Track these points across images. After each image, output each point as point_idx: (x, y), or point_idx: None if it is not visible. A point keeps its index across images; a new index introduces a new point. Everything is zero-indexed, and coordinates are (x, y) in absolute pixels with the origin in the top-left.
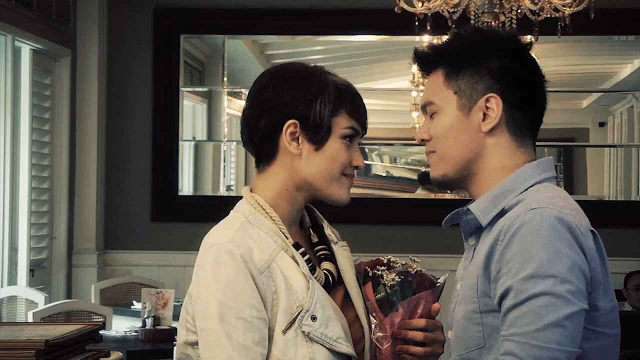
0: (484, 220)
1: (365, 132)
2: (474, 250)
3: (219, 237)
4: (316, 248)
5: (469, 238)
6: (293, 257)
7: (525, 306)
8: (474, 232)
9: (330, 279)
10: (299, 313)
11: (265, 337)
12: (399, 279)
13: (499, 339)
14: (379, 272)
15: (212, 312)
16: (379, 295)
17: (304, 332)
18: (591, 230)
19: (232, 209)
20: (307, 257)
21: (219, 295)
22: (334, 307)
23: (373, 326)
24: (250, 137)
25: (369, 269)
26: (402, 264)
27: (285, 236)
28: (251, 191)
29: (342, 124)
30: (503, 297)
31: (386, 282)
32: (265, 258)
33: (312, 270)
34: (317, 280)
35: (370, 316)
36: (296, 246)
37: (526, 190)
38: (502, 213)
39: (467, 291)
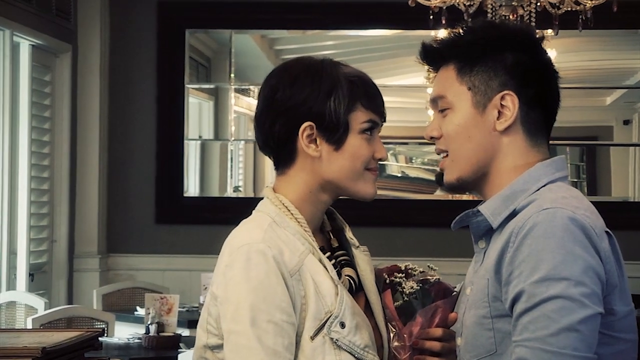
0: (495, 222)
1: (385, 121)
2: (485, 253)
3: (249, 236)
4: (336, 253)
5: (479, 241)
6: (320, 261)
7: (537, 310)
8: (484, 234)
9: (353, 285)
10: (328, 319)
11: (293, 342)
12: (418, 287)
13: (511, 344)
14: (397, 280)
15: (243, 315)
16: (397, 303)
17: (332, 338)
18: (606, 231)
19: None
20: (333, 261)
21: (250, 297)
22: (360, 314)
23: (391, 335)
24: (265, 141)
25: (386, 276)
26: (421, 271)
27: (311, 239)
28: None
29: (359, 118)
30: (515, 301)
31: (405, 290)
32: (295, 260)
33: (338, 275)
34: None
35: (389, 325)
36: (322, 250)
37: (538, 190)
38: (514, 214)
39: (478, 295)
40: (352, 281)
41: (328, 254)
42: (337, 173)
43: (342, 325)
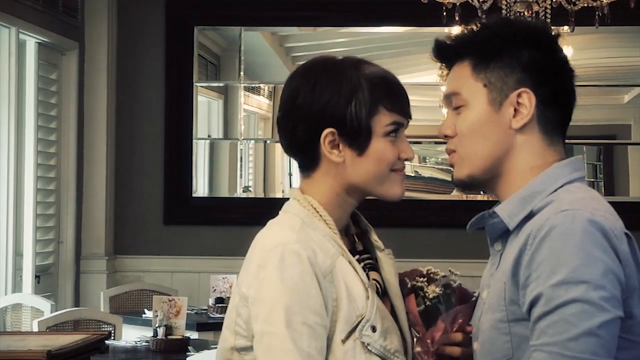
0: (511, 224)
1: (411, 118)
2: (501, 255)
3: (282, 236)
4: (362, 256)
5: (495, 243)
6: (350, 264)
7: (556, 314)
8: (500, 236)
9: (379, 289)
10: (359, 322)
11: (325, 345)
12: (441, 292)
13: (529, 349)
14: (419, 284)
15: (278, 316)
16: (420, 308)
17: (363, 342)
18: (625, 233)
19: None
20: (362, 264)
21: (285, 299)
22: (389, 319)
23: (415, 340)
24: (288, 146)
25: (407, 280)
26: (443, 276)
27: (341, 241)
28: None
29: (382, 121)
30: (533, 304)
31: (427, 294)
32: (328, 262)
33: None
34: None
35: (413, 330)
36: (351, 253)
37: (556, 191)
38: (531, 216)
39: (494, 299)
40: (378, 285)
41: (357, 256)
42: (362, 177)
43: (374, 329)
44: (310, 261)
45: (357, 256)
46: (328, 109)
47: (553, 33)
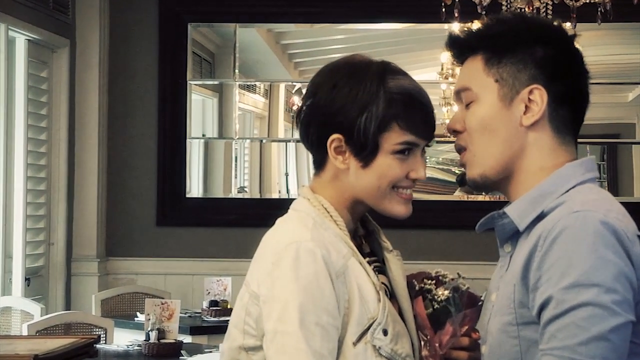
0: (522, 225)
1: (431, 139)
2: (511, 257)
3: (296, 234)
4: (369, 259)
5: (505, 244)
6: (361, 264)
7: (566, 318)
8: (510, 237)
9: (387, 291)
10: (371, 325)
11: (336, 347)
12: (450, 295)
13: (538, 353)
14: (427, 287)
15: (292, 315)
16: (428, 311)
17: (374, 346)
18: (638, 236)
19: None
20: (372, 266)
21: (299, 297)
22: (400, 322)
23: (422, 343)
24: (302, 139)
25: (416, 283)
26: (451, 279)
27: (351, 243)
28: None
29: (393, 139)
30: (542, 307)
31: (436, 298)
32: (341, 262)
33: None
34: None
35: (420, 333)
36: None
37: (567, 192)
38: (541, 217)
39: (503, 302)
40: (386, 287)
41: (367, 258)
42: (362, 189)
43: (385, 332)
44: (324, 260)
45: (366, 258)
46: (340, 115)
47: (570, 32)
